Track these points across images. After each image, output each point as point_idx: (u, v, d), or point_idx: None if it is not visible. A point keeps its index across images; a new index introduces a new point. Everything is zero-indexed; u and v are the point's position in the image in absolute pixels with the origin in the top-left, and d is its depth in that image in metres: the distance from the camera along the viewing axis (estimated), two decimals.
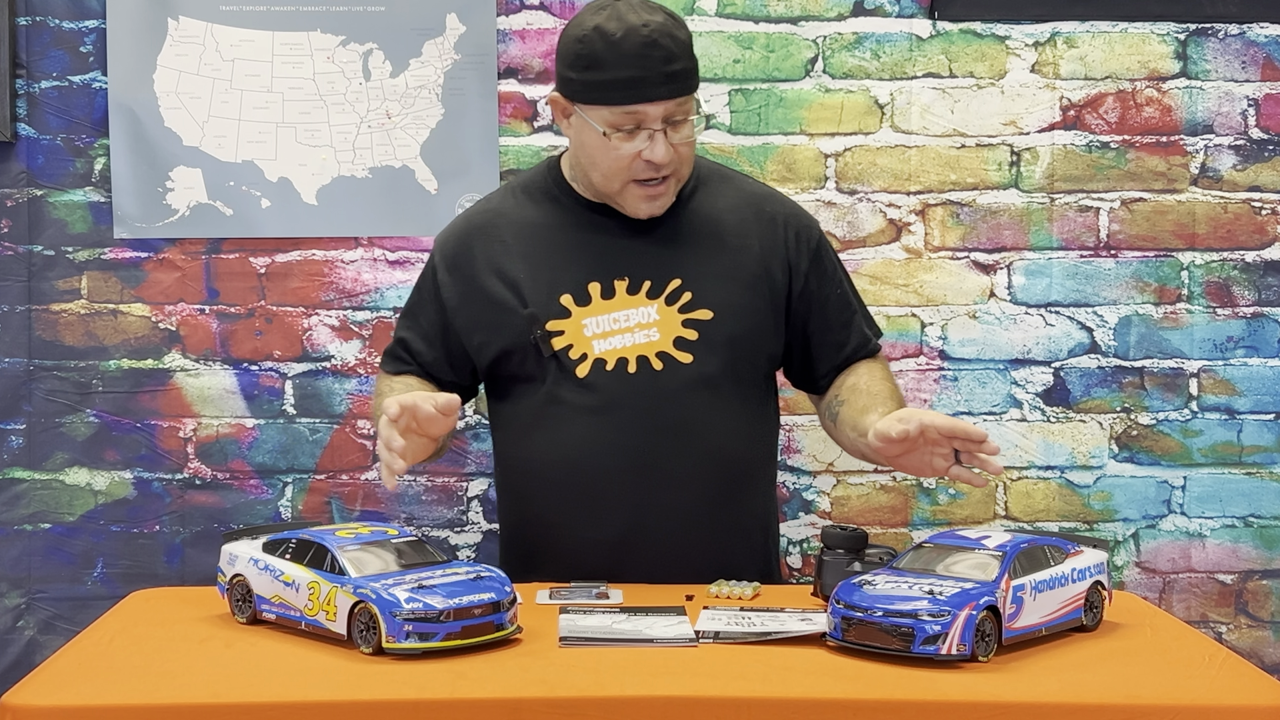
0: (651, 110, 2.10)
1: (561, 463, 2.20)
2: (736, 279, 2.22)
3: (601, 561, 2.13)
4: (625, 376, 2.18)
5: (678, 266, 2.21)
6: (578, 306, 2.20)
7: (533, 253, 2.24)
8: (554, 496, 2.21)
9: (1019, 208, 2.84)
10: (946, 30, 2.83)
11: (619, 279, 2.20)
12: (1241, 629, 2.88)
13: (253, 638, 1.79)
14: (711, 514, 2.19)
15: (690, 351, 2.18)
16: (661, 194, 2.17)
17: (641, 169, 2.13)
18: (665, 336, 2.18)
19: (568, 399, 2.19)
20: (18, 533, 2.82)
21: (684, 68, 2.11)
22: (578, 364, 2.18)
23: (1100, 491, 2.87)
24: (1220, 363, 2.86)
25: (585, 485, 2.18)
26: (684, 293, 2.20)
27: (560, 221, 2.26)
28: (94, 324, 2.82)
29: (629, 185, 2.16)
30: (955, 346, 2.85)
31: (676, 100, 2.11)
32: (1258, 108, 2.84)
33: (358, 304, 2.83)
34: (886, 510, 2.86)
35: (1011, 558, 1.73)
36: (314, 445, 2.84)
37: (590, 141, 2.15)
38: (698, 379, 2.18)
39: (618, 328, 2.19)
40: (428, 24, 2.80)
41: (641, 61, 2.08)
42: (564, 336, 2.19)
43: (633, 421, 2.16)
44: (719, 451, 2.19)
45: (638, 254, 2.22)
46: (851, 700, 1.56)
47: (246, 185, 2.80)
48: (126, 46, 2.77)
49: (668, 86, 2.09)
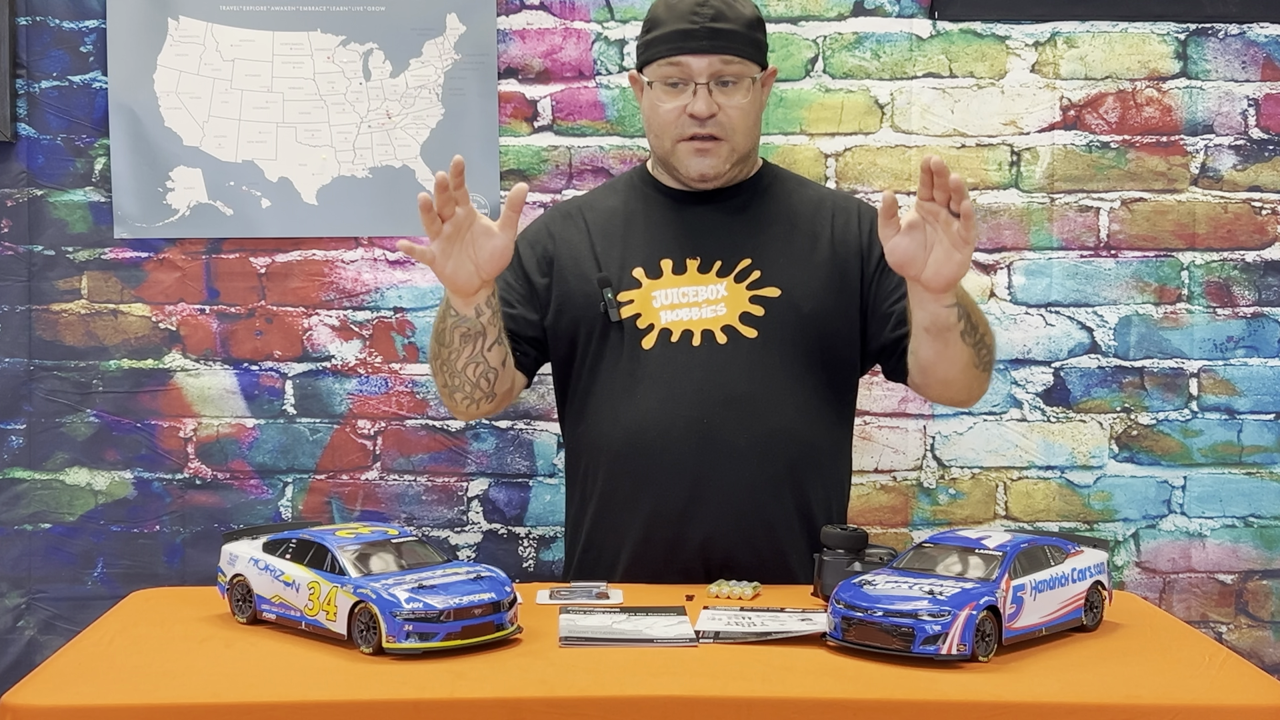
0: (695, 63, 2.17)
1: (623, 434, 2.22)
2: (808, 261, 2.25)
3: (661, 533, 2.17)
4: (689, 349, 2.20)
5: (749, 248, 2.25)
6: (648, 279, 2.24)
7: (610, 232, 2.30)
8: (616, 467, 2.24)
9: (1019, 208, 2.84)
10: (946, 30, 2.83)
11: (690, 258, 2.25)
12: (1241, 629, 2.88)
13: (253, 638, 1.79)
14: (774, 491, 2.19)
15: (755, 327, 2.21)
16: (709, 151, 2.21)
17: (687, 124, 2.20)
18: (731, 311, 2.22)
19: (633, 370, 2.22)
20: (18, 533, 2.82)
21: (732, 29, 2.18)
22: (644, 334, 2.22)
23: (1100, 491, 2.87)
24: (1220, 363, 2.86)
25: (647, 455, 2.20)
26: (753, 271, 2.23)
27: (639, 207, 2.32)
28: (94, 324, 2.82)
29: (679, 144, 2.22)
30: None
31: (721, 58, 2.17)
32: (1258, 108, 2.84)
33: (358, 304, 2.83)
34: (886, 510, 2.86)
35: (1011, 558, 1.73)
36: (314, 445, 2.84)
37: (648, 103, 2.24)
38: (761, 354, 2.20)
39: (686, 301, 2.23)
40: (428, 24, 2.80)
41: (690, 16, 2.18)
42: (633, 305, 2.24)
43: (694, 393, 2.18)
44: (781, 429, 2.20)
45: (711, 235, 2.27)
46: (851, 700, 1.56)
47: (247, 185, 2.80)
48: (126, 46, 2.77)
49: (711, 41, 2.17)
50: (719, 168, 2.24)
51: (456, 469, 2.84)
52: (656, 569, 2.16)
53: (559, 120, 2.83)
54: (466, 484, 2.85)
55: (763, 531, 2.19)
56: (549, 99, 2.82)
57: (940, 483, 2.86)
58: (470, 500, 2.85)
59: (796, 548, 2.20)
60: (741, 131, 2.23)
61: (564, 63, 2.82)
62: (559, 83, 2.82)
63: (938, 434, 2.85)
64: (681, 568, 2.16)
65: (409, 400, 2.84)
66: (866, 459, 2.84)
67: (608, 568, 2.24)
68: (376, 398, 2.83)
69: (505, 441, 2.84)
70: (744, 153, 2.26)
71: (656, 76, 2.21)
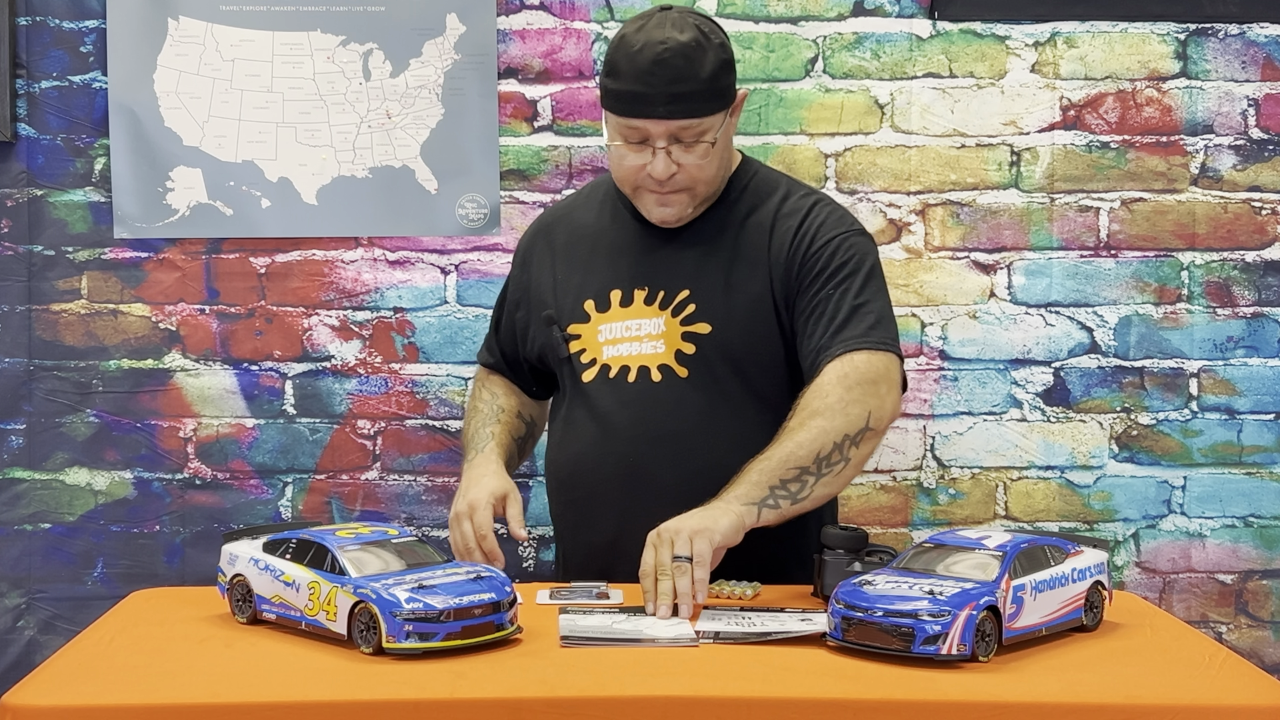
0: (653, 128, 2.10)
1: (565, 465, 2.28)
2: (742, 293, 2.19)
3: (595, 564, 2.17)
4: (624, 385, 2.20)
5: (691, 278, 2.21)
6: (597, 312, 2.24)
7: (575, 256, 2.30)
8: (559, 498, 2.31)
9: (1019, 208, 2.84)
10: (946, 30, 2.83)
11: (639, 288, 2.22)
12: (1241, 629, 2.88)
13: (253, 638, 1.78)
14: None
15: (686, 365, 2.19)
16: (671, 204, 2.17)
17: (646, 180, 2.15)
18: (669, 348, 2.19)
19: (576, 403, 2.25)
20: (18, 533, 2.82)
21: (692, 90, 2.08)
22: (586, 368, 2.23)
23: (1100, 491, 2.87)
24: (1220, 363, 2.86)
25: (582, 489, 2.24)
26: (689, 304, 2.20)
27: (605, 226, 2.30)
28: (94, 324, 2.82)
29: (638, 191, 2.19)
30: (955, 346, 2.85)
31: (679, 123, 2.09)
32: (1258, 108, 2.84)
33: (358, 304, 2.83)
34: (886, 510, 2.86)
35: (1011, 558, 1.73)
36: (314, 445, 2.84)
37: (611, 149, 2.18)
38: (691, 392, 2.18)
39: (629, 335, 2.22)
40: (428, 24, 2.80)
41: (647, 79, 2.07)
42: (580, 340, 2.25)
43: (625, 430, 2.19)
44: (710, 465, 2.13)
45: (661, 264, 2.23)
46: (851, 700, 1.56)
47: (246, 185, 2.80)
48: (126, 46, 2.77)
49: (668, 107, 2.08)
50: (681, 213, 2.19)
51: (456, 469, 2.83)
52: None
53: (559, 120, 2.83)
54: None
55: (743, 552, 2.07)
56: (549, 99, 2.82)
57: (940, 483, 2.86)
58: None
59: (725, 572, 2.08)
60: (704, 180, 2.17)
61: (564, 63, 2.82)
62: (559, 83, 2.82)
63: (938, 434, 2.85)
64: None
65: (409, 400, 2.84)
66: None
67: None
68: (376, 398, 2.83)
69: None
70: (708, 195, 2.21)
71: (616, 132, 2.14)
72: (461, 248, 2.82)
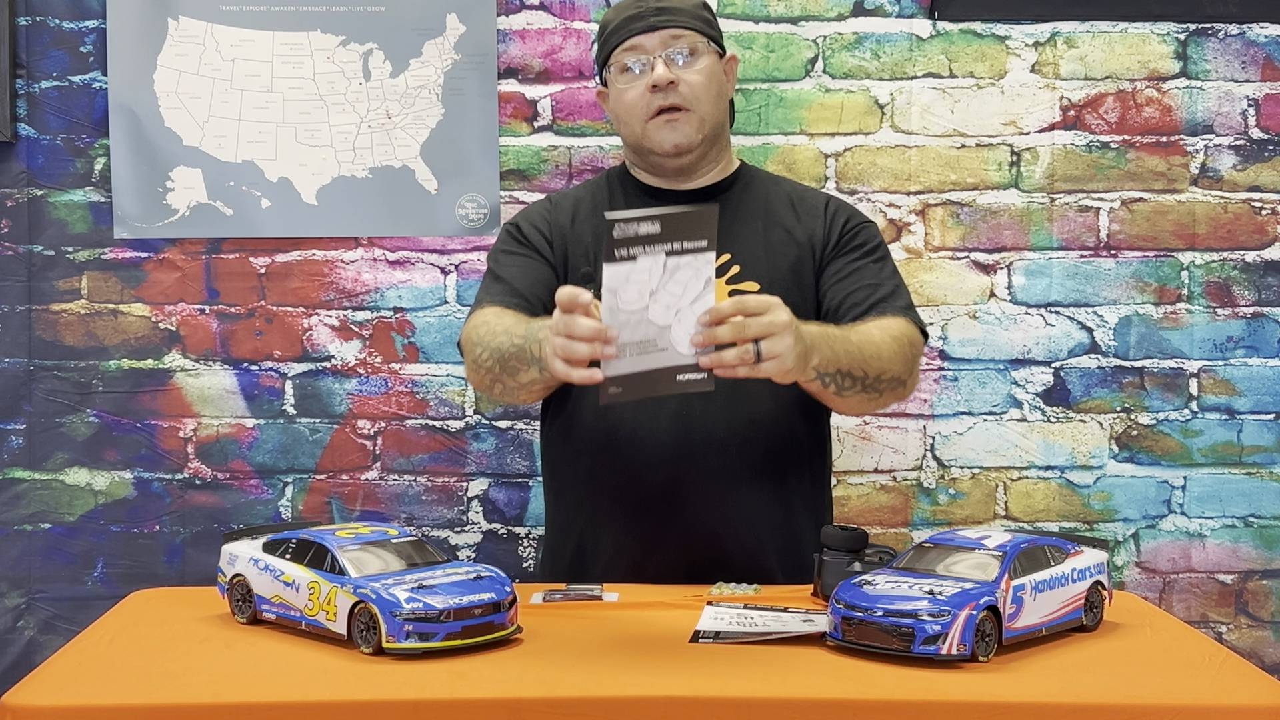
0: (647, 41, 2.23)
1: (604, 427, 2.23)
2: (783, 256, 2.27)
3: (646, 526, 2.18)
4: None
5: (727, 243, 2.25)
6: None
7: (597, 227, 2.30)
8: (597, 461, 2.25)
9: (1019, 208, 2.84)
10: (946, 30, 2.83)
11: None
12: (1241, 629, 2.88)
13: (253, 638, 1.78)
14: (754, 480, 2.20)
15: None
16: (680, 121, 2.23)
17: (652, 100, 2.23)
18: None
19: None
20: (18, 533, 2.82)
21: (677, 7, 2.25)
22: None
23: (1100, 491, 2.87)
24: (1220, 363, 2.86)
25: (625, 450, 2.21)
26: (732, 265, 2.25)
27: (622, 203, 2.33)
28: (94, 324, 2.82)
29: (648, 122, 2.24)
30: (955, 346, 2.85)
31: (670, 32, 2.23)
32: (1258, 108, 2.84)
33: (358, 304, 2.83)
34: (886, 510, 2.86)
35: (1011, 558, 1.73)
36: (314, 445, 2.84)
37: (614, 100, 2.28)
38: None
39: None
40: (428, 24, 2.80)
41: (636, 5, 2.26)
42: None
43: None
44: (759, 418, 2.21)
45: None
46: (851, 700, 1.56)
47: (246, 185, 2.80)
48: (126, 46, 2.77)
49: (658, 18, 2.24)
50: (691, 136, 2.25)
51: (456, 469, 2.84)
52: (637, 560, 2.17)
53: (559, 120, 2.83)
54: (466, 484, 2.85)
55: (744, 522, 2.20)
56: (549, 99, 2.82)
57: (940, 483, 2.86)
58: (470, 500, 2.85)
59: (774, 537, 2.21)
60: (706, 100, 2.25)
61: (564, 63, 2.82)
62: (559, 83, 2.82)
63: (938, 434, 2.85)
64: (663, 559, 2.16)
65: (409, 400, 2.84)
66: (866, 459, 2.84)
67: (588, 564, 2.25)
68: (376, 398, 2.83)
69: (505, 441, 2.84)
70: (713, 123, 2.27)
71: (616, 68, 2.26)
72: (461, 248, 2.82)
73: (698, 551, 2.17)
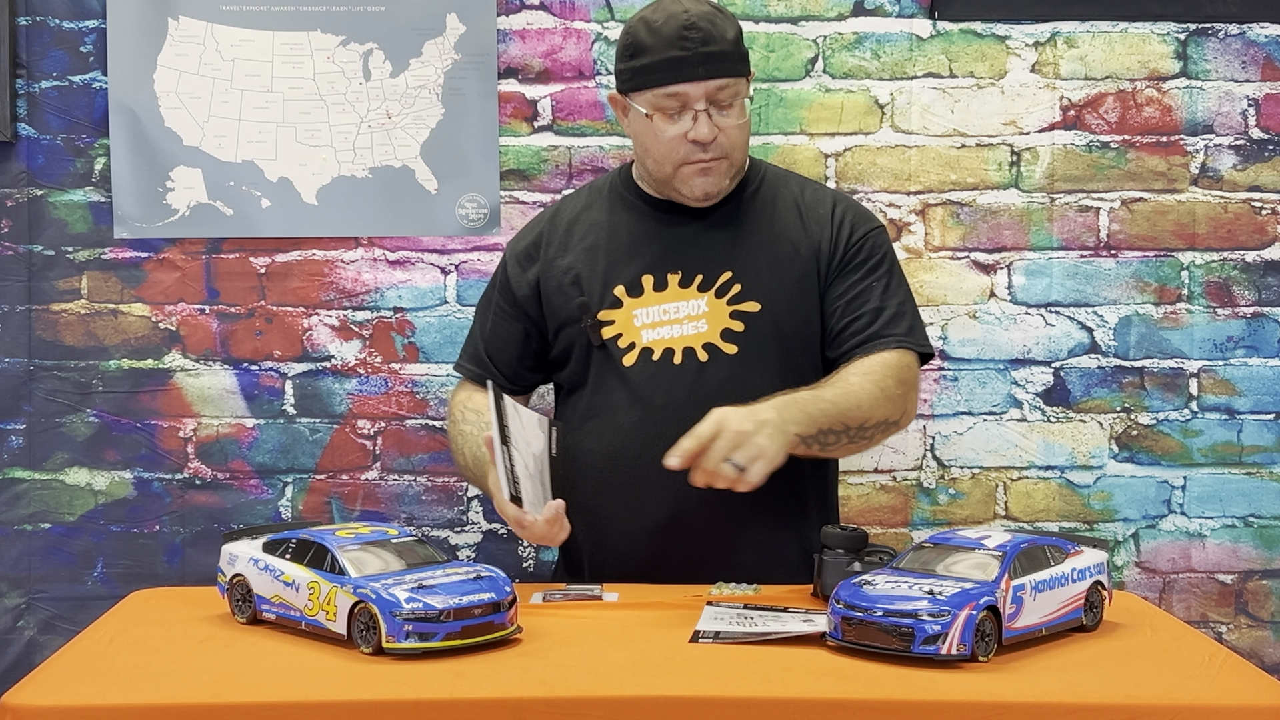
0: (693, 91, 2.16)
1: (607, 452, 2.24)
2: (788, 272, 2.25)
3: (645, 551, 2.18)
4: (670, 367, 2.22)
5: (730, 260, 2.24)
6: (630, 297, 2.25)
7: (593, 246, 2.30)
8: (601, 485, 2.24)
9: (1019, 208, 2.84)
10: (946, 30, 2.83)
11: (672, 272, 2.25)
12: (1241, 629, 2.88)
13: (253, 638, 1.79)
14: (754, 506, 2.15)
15: (736, 343, 2.21)
16: (713, 170, 2.21)
17: (689, 151, 2.19)
18: (713, 328, 2.22)
19: (615, 389, 2.24)
20: (18, 533, 2.82)
21: (723, 50, 2.16)
22: (625, 353, 2.23)
23: (1100, 491, 2.87)
24: (1220, 363, 2.86)
25: (629, 474, 2.21)
26: (734, 285, 2.23)
27: (623, 219, 2.32)
28: (94, 324, 2.82)
29: (681, 168, 2.21)
30: (955, 346, 2.85)
31: (717, 82, 2.16)
32: (1258, 108, 2.84)
33: (358, 304, 2.83)
34: (886, 510, 2.86)
35: (1011, 558, 1.73)
36: (314, 445, 2.84)
37: (641, 130, 2.22)
38: (741, 369, 2.20)
39: (667, 318, 2.24)
40: (428, 24, 2.80)
41: (680, 43, 2.15)
42: (614, 326, 2.25)
43: (675, 411, 2.16)
44: None
45: (693, 249, 2.27)
46: (851, 700, 1.56)
47: (246, 185, 2.80)
48: (126, 46, 2.77)
49: (705, 67, 2.15)
50: (720, 184, 2.23)
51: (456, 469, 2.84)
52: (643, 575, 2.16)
53: (559, 120, 2.83)
54: (466, 484, 2.84)
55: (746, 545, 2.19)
56: (549, 99, 2.82)
57: (940, 483, 2.86)
58: (470, 500, 2.85)
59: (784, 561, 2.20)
60: (740, 147, 2.23)
61: (564, 63, 2.82)
62: (559, 83, 2.82)
63: (938, 434, 2.85)
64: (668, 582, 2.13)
65: (409, 400, 2.84)
66: (866, 459, 2.84)
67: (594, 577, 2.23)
68: (376, 398, 2.83)
69: None
70: (740, 167, 2.27)
71: (652, 106, 2.18)
72: (461, 248, 2.82)
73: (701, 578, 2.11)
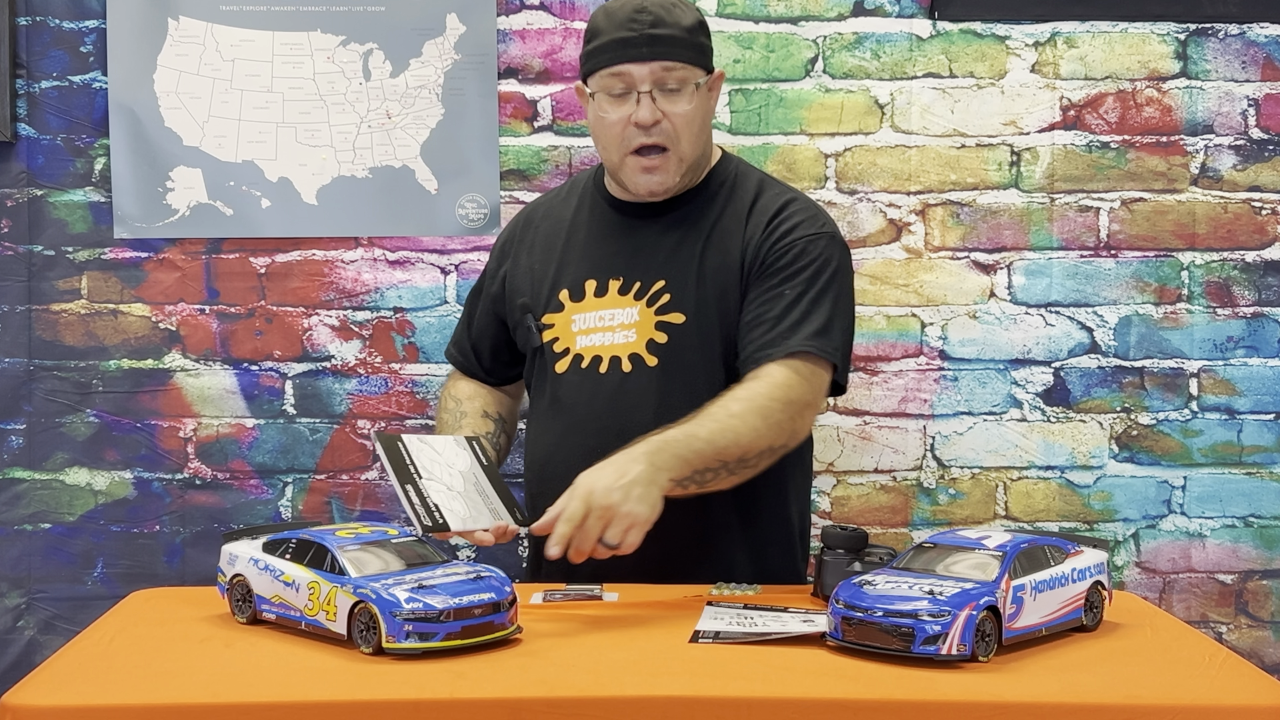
0: (636, 71, 2.15)
1: (537, 459, 2.28)
2: (717, 283, 2.20)
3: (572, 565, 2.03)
4: (595, 376, 2.21)
5: (666, 268, 2.22)
6: (571, 302, 2.26)
7: (552, 247, 2.31)
8: (536, 490, 2.26)
9: (1019, 208, 2.84)
10: (946, 30, 2.83)
11: (614, 278, 2.24)
12: (1241, 629, 2.88)
13: (253, 638, 1.79)
14: (673, 518, 2.02)
15: (657, 355, 2.19)
16: (657, 167, 2.18)
17: (633, 135, 2.17)
18: (640, 338, 2.21)
19: (548, 394, 2.26)
20: (18, 533, 2.82)
21: (671, 35, 2.14)
22: (559, 358, 2.24)
23: (1100, 491, 2.87)
24: (1220, 363, 2.86)
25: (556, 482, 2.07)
26: (664, 294, 2.21)
27: (585, 219, 2.32)
28: (94, 324, 2.82)
29: (627, 158, 2.19)
30: (955, 346, 2.85)
31: (662, 64, 2.14)
32: (1258, 108, 2.84)
33: (358, 304, 2.83)
34: (886, 510, 2.86)
35: (1011, 558, 1.73)
36: (314, 445, 2.84)
37: (594, 118, 2.22)
38: (661, 383, 2.18)
39: (602, 325, 2.23)
40: (428, 24, 2.80)
41: (629, 25, 2.15)
42: (553, 329, 2.26)
43: (594, 422, 2.18)
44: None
45: (638, 255, 2.25)
46: (851, 700, 1.56)
47: (246, 185, 2.80)
48: (126, 46, 2.77)
49: (650, 48, 2.14)
50: (667, 183, 2.21)
51: None
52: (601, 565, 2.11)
53: (559, 120, 2.83)
54: None
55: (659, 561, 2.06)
56: (549, 99, 2.82)
57: (940, 483, 2.86)
58: None
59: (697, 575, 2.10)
60: (687, 139, 2.19)
61: (564, 63, 2.82)
62: (559, 83, 2.82)
63: (938, 434, 2.85)
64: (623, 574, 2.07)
65: (409, 400, 2.84)
66: (866, 459, 2.84)
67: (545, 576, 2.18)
68: (376, 398, 2.83)
69: None
70: (691, 161, 2.22)
71: (599, 88, 2.18)
72: (461, 248, 2.82)
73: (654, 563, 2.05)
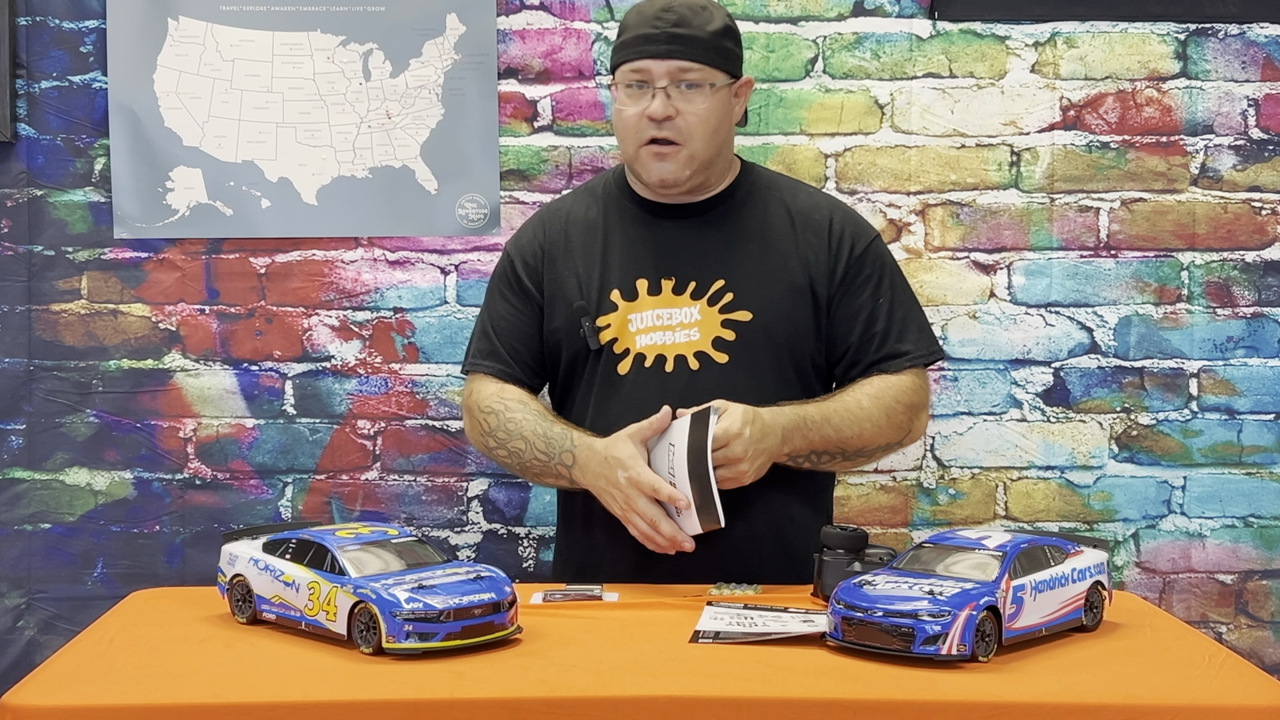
0: (655, 67, 2.18)
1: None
2: (780, 282, 2.25)
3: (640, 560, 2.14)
4: (661, 375, 2.22)
5: (723, 268, 2.24)
6: (624, 301, 2.25)
7: (589, 249, 2.30)
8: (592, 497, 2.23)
9: (1019, 208, 2.84)
10: (946, 30, 2.83)
11: (666, 278, 2.25)
12: (1241, 629, 2.88)
13: (253, 638, 1.79)
14: (745, 514, 2.17)
15: (727, 352, 2.21)
16: (667, 155, 2.20)
17: (646, 128, 2.20)
18: (705, 337, 2.22)
19: (609, 394, 2.24)
20: (18, 533, 2.82)
21: (694, 35, 2.18)
22: (620, 359, 2.24)
23: (1100, 491, 2.87)
24: (1220, 363, 2.86)
25: None
26: (726, 293, 2.23)
27: (617, 220, 2.31)
28: (94, 324, 2.82)
29: (641, 149, 2.22)
30: (955, 346, 2.85)
31: (680, 64, 2.18)
32: (1258, 108, 2.84)
33: (358, 304, 2.83)
34: (886, 510, 2.86)
35: (1011, 558, 1.73)
36: (314, 445, 2.84)
37: (616, 109, 2.25)
38: (732, 379, 2.20)
39: (661, 324, 2.24)
40: (428, 24, 2.80)
41: (654, 22, 2.20)
42: (610, 330, 2.25)
43: None
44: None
45: (686, 254, 2.26)
46: (851, 700, 1.56)
47: (246, 185, 2.80)
48: (126, 46, 2.77)
49: (670, 46, 2.18)
50: (677, 174, 2.22)
51: (456, 469, 2.84)
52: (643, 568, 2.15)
53: (559, 120, 2.83)
54: (466, 484, 2.85)
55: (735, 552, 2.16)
56: (549, 99, 2.82)
57: (940, 483, 2.86)
58: (470, 500, 2.85)
59: (775, 566, 2.18)
60: (700, 137, 2.21)
61: (564, 63, 2.82)
62: (559, 83, 2.82)
63: (938, 434, 2.85)
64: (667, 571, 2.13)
65: (409, 400, 2.84)
66: None
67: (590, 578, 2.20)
68: (376, 398, 2.83)
69: None
70: (704, 160, 2.23)
71: (622, 80, 2.22)
72: (461, 248, 2.82)
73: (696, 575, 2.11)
